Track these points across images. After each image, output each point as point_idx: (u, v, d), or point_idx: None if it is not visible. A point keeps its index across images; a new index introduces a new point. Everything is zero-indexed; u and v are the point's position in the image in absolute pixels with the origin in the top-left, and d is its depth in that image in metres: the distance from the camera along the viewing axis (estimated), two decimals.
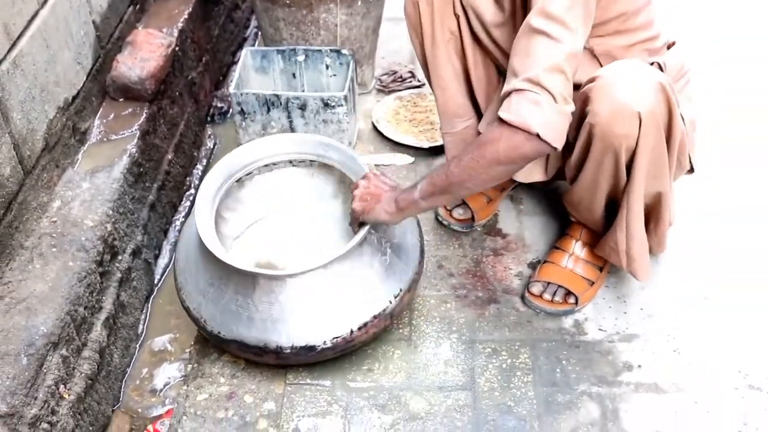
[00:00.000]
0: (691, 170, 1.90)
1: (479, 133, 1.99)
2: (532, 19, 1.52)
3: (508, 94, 1.53)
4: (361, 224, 1.75)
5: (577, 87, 1.71)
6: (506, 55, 1.80)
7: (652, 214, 1.81)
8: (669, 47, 1.85)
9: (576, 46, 1.52)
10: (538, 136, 1.48)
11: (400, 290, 1.76)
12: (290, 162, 1.98)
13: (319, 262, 1.66)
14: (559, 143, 1.51)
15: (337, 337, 1.70)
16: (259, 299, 1.68)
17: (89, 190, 1.87)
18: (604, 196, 1.79)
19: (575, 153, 1.75)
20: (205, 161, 2.50)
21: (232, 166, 1.89)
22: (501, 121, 1.51)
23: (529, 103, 1.49)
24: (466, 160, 1.58)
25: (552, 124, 1.50)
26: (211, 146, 2.58)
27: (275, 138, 1.95)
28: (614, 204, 1.80)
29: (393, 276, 1.76)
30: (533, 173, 1.96)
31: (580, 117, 1.66)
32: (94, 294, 1.75)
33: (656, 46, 1.79)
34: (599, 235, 1.92)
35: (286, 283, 1.67)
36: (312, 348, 1.69)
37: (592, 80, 1.62)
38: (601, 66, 1.72)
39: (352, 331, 1.71)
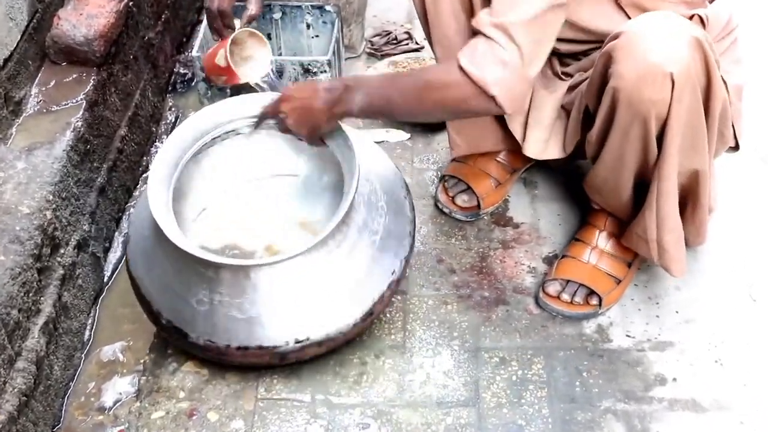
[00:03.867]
0: (736, 147, 1.88)
1: None
2: None
3: (477, 34, 1.59)
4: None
5: (599, 41, 1.73)
6: None
7: (689, 197, 1.80)
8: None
9: None
10: (494, 98, 1.57)
11: (394, 271, 1.78)
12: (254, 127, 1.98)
13: (296, 249, 1.66)
14: (512, 109, 1.60)
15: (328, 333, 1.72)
16: (226, 291, 1.68)
17: (25, 171, 1.85)
18: (632, 175, 1.77)
19: (597, 123, 1.74)
20: (165, 137, 2.48)
21: (187, 136, 1.88)
22: (459, 66, 1.58)
23: (495, 59, 1.56)
24: (411, 92, 1.67)
25: (512, 89, 1.58)
26: (173, 120, 2.56)
27: (234, 101, 1.94)
28: (644, 185, 1.79)
29: (386, 256, 1.78)
30: (548, 150, 1.97)
31: (601, 79, 1.66)
32: (31, 294, 1.72)
33: None
34: (627, 223, 1.91)
35: (257, 273, 1.67)
36: (299, 342, 1.71)
37: (615, 36, 1.62)
38: (629, 19, 1.71)
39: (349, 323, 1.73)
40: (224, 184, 2.04)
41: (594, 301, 1.92)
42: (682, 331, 1.91)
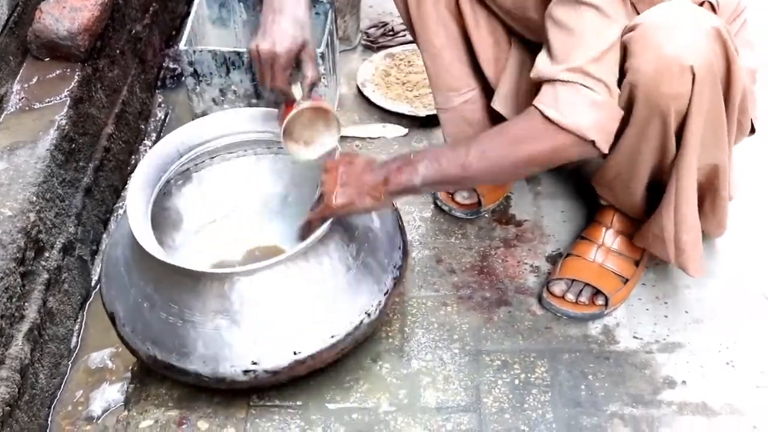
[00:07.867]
0: (752, 131, 1.88)
1: (489, 110, 2.00)
2: None
3: (550, 82, 1.55)
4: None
5: None
6: (514, 17, 1.82)
7: (708, 191, 1.80)
8: None
9: (629, 19, 1.56)
10: (592, 142, 1.55)
11: (385, 289, 1.76)
12: (246, 148, 1.96)
13: (277, 258, 1.65)
14: (608, 147, 1.59)
15: (308, 353, 1.69)
16: (204, 307, 1.66)
17: (7, 172, 1.85)
18: (648, 171, 1.77)
19: None
20: (154, 135, 2.50)
21: (169, 151, 1.86)
22: (544, 117, 1.55)
23: (585, 101, 1.54)
24: (493, 155, 1.61)
25: (607, 128, 1.57)
26: (162, 117, 2.57)
27: (210, 118, 1.92)
28: (657, 182, 1.79)
29: (370, 274, 1.75)
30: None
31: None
32: (14, 300, 1.72)
33: None
34: (636, 221, 1.91)
35: (234, 285, 1.65)
36: (276, 370, 1.68)
37: (631, 29, 1.60)
38: (638, 14, 1.68)
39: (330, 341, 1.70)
40: (215, 208, 2.01)
41: (600, 301, 1.92)
42: (691, 332, 1.90)
